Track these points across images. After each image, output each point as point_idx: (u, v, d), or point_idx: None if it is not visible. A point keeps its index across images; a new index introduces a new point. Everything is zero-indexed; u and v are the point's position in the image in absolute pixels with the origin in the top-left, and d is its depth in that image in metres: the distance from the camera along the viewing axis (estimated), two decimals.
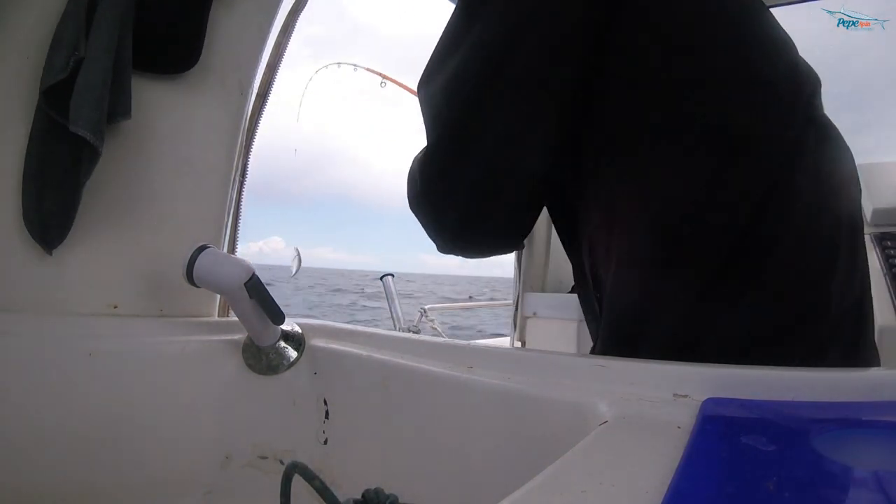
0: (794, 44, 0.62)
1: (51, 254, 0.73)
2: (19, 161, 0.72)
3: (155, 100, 0.80)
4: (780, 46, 0.61)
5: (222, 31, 0.84)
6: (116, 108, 0.73)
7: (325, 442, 0.69)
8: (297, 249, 1.42)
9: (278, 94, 0.99)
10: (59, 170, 0.72)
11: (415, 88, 0.67)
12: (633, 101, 0.57)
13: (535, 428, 0.49)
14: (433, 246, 0.76)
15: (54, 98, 0.69)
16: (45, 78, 0.70)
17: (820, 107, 0.63)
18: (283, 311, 0.70)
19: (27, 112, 0.73)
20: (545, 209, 0.77)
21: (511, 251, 0.76)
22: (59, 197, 0.72)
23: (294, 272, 1.42)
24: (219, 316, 0.85)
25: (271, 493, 0.49)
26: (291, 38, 0.97)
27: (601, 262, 0.63)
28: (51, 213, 0.72)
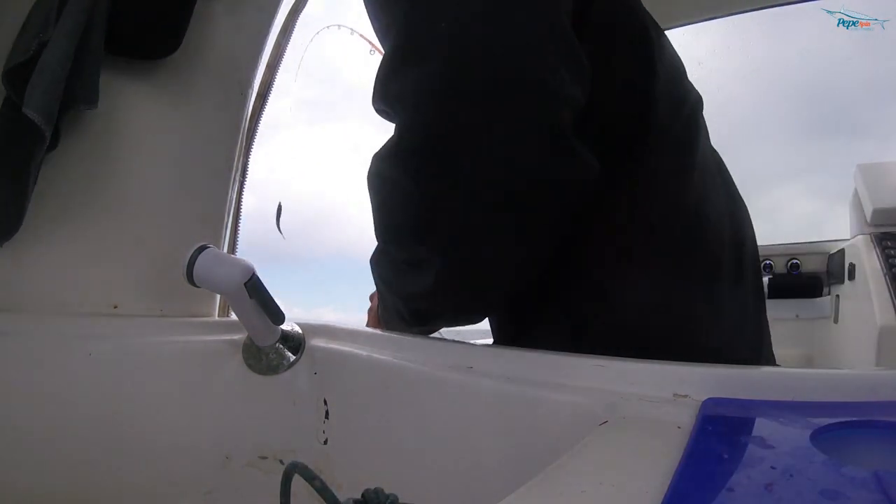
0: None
1: (0, 246, 0.70)
2: None
3: (155, 99, 0.80)
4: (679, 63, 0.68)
5: (222, 31, 0.84)
6: (77, 93, 0.69)
7: (325, 442, 0.69)
8: (280, 204, 1.22)
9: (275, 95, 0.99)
10: (14, 158, 0.68)
11: None
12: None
13: (535, 428, 0.49)
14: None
15: (17, 82, 0.67)
16: (7, 60, 0.68)
17: (704, 125, 0.68)
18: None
19: None
20: None
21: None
22: (10, 186, 0.68)
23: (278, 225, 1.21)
24: (219, 316, 0.85)
25: (271, 493, 0.49)
26: (290, 39, 0.97)
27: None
28: (2, 203, 0.69)
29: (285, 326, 0.73)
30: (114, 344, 0.71)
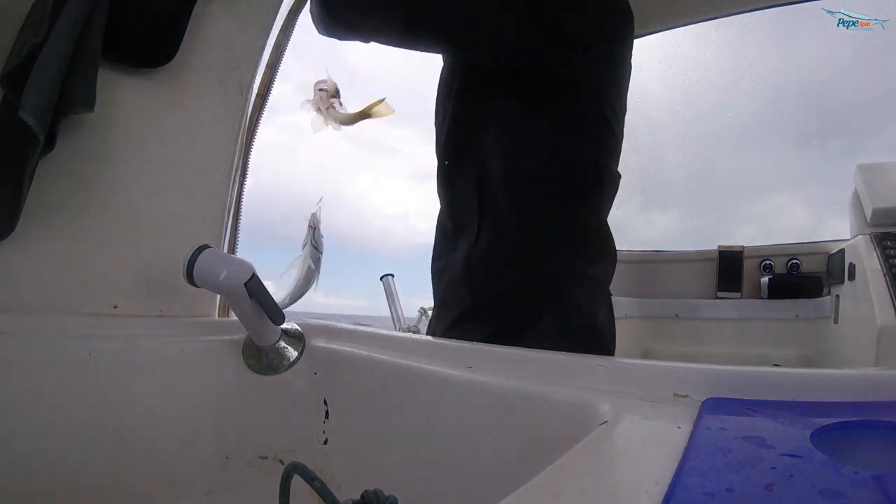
0: None
1: None
2: None
3: (155, 99, 0.80)
4: None
5: (222, 30, 0.84)
6: (74, 97, 0.69)
7: (325, 442, 0.69)
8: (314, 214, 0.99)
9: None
10: (10, 160, 0.68)
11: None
12: None
13: (535, 428, 0.49)
14: (427, 290, 0.90)
15: (16, 84, 0.67)
16: (6, 63, 0.69)
17: None
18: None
19: None
20: None
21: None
22: (5, 189, 0.69)
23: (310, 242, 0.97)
24: (219, 316, 0.85)
25: (271, 493, 0.49)
26: (290, 38, 0.97)
27: None
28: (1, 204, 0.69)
29: (285, 326, 0.73)
30: (114, 344, 0.70)
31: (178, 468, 0.69)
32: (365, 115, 0.91)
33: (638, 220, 2.35)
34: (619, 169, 0.90)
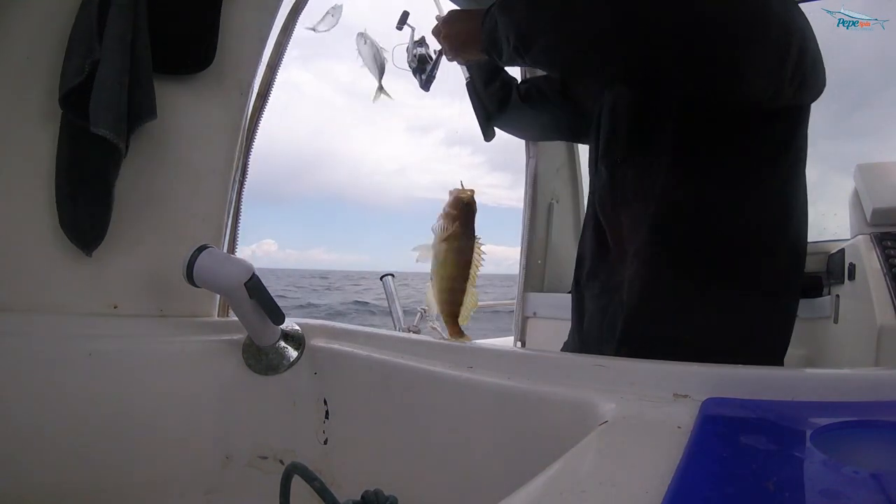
0: None
1: (90, 255, 0.74)
2: (31, 166, 0.73)
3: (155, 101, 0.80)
4: None
5: (223, 31, 0.83)
6: (141, 109, 0.73)
7: (325, 442, 0.69)
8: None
9: (277, 94, 0.99)
10: (89, 172, 0.72)
11: None
12: None
13: (536, 428, 0.49)
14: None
15: (75, 103, 0.70)
16: (61, 84, 0.70)
17: None
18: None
19: (48, 118, 0.73)
20: None
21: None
22: (91, 199, 0.73)
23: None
24: (219, 316, 0.85)
25: (271, 493, 0.49)
26: (291, 37, 0.97)
27: None
28: (86, 215, 0.73)
29: (285, 326, 0.73)
30: (114, 344, 0.71)
31: (178, 468, 0.69)
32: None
33: None
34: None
